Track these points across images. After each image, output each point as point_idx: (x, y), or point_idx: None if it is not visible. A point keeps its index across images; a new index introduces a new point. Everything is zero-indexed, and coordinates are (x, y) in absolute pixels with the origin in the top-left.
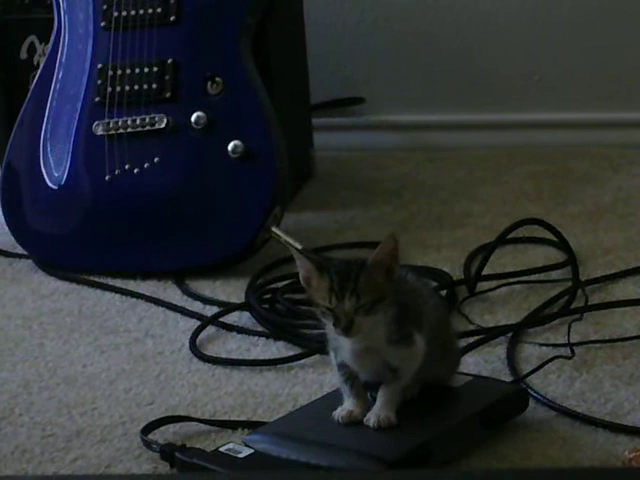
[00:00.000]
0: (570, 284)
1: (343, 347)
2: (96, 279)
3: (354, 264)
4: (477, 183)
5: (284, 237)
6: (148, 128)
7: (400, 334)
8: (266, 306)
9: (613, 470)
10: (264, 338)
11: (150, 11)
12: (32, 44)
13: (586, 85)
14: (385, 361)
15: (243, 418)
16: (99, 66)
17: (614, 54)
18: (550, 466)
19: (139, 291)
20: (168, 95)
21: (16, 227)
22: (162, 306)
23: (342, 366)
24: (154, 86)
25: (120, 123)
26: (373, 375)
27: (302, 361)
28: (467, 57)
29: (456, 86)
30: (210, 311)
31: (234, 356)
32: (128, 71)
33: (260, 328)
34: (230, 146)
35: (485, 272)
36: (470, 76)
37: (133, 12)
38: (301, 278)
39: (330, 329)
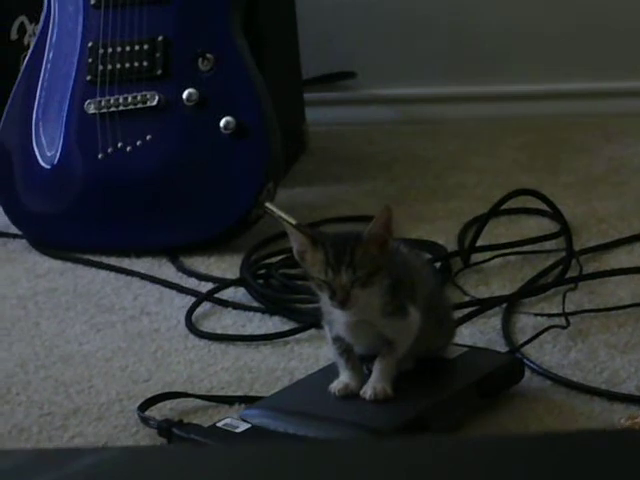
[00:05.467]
0: (564, 254)
1: (338, 320)
2: (90, 257)
3: (349, 237)
4: (470, 155)
5: (278, 212)
6: (140, 106)
7: (394, 306)
8: (261, 281)
9: (610, 432)
10: (259, 313)
11: None
12: (22, 24)
13: (579, 55)
14: (380, 334)
15: (240, 393)
16: (90, 44)
17: (607, 24)
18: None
19: (134, 269)
20: (159, 72)
21: (10, 207)
22: (157, 283)
23: (337, 339)
24: (145, 64)
25: (112, 101)
26: (368, 348)
27: (298, 335)
28: (459, 29)
29: (448, 59)
30: (205, 287)
31: (230, 332)
32: (119, 49)
33: (255, 303)
34: (222, 122)
35: (479, 243)
36: (462, 48)
37: None
38: (295, 252)
39: (325, 302)
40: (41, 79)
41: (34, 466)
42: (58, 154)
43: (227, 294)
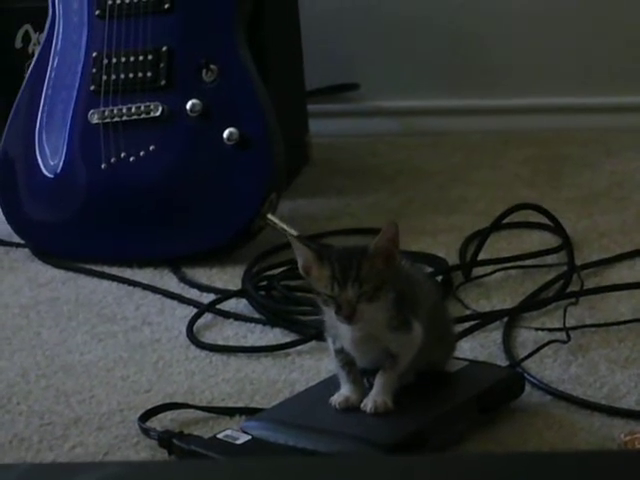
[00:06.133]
0: (565, 268)
1: (343, 335)
2: (93, 267)
3: (355, 251)
4: (473, 168)
5: (280, 224)
6: (143, 116)
7: (399, 320)
8: (263, 293)
9: (609, 453)
10: (261, 325)
11: None
12: (27, 33)
13: (581, 70)
14: (384, 348)
15: (240, 405)
16: (94, 54)
17: (609, 39)
18: (546, 450)
19: (136, 279)
20: (163, 83)
21: (13, 216)
22: (159, 294)
23: (340, 352)
24: (149, 74)
25: (115, 111)
26: (371, 362)
27: (299, 347)
28: (462, 42)
29: (451, 71)
30: (207, 298)
31: (231, 343)
32: (123, 59)
33: (257, 315)
34: (225, 133)
35: (481, 257)
36: (465, 61)
37: (127, 0)
38: (300, 267)
39: (330, 316)
40: (45, 88)
41: None
42: (61, 163)
43: (229, 305)
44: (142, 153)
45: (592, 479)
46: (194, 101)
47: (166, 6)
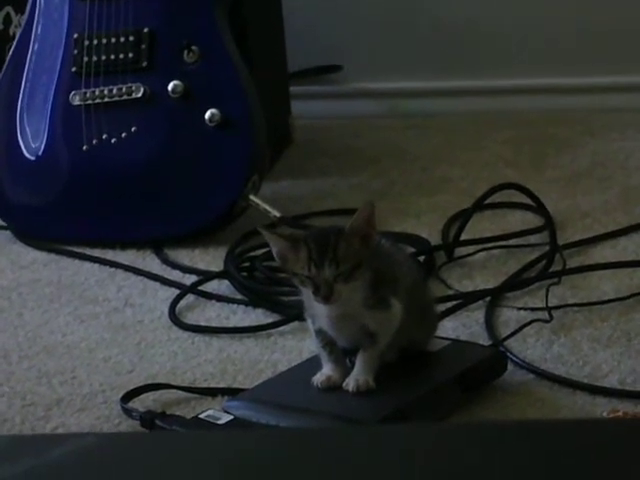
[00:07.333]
0: (548, 248)
1: (320, 314)
2: (75, 249)
3: (331, 232)
4: (456, 149)
5: (262, 205)
6: (125, 97)
7: (376, 298)
8: (245, 274)
9: (591, 422)
10: (243, 306)
11: None
12: (8, 15)
13: (564, 50)
14: (362, 326)
15: (223, 385)
16: (75, 36)
17: (593, 19)
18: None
19: (118, 260)
20: (144, 64)
21: None
22: (141, 275)
23: (320, 332)
24: (130, 55)
25: (97, 93)
26: (351, 341)
27: (281, 328)
28: (446, 23)
29: (435, 53)
30: (189, 280)
31: (213, 324)
32: (104, 41)
33: (239, 296)
34: (207, 114)
35: (463, 237)
36: (449, 42)
37: None
38: (275, 254)
39: (308, 296)
40: (26, 70)
41: (15, 452)
42: (43, 145)
43: (211, 286)
44: (124, 134)
45: (577, 446)
46: (175, 82)
47: None
